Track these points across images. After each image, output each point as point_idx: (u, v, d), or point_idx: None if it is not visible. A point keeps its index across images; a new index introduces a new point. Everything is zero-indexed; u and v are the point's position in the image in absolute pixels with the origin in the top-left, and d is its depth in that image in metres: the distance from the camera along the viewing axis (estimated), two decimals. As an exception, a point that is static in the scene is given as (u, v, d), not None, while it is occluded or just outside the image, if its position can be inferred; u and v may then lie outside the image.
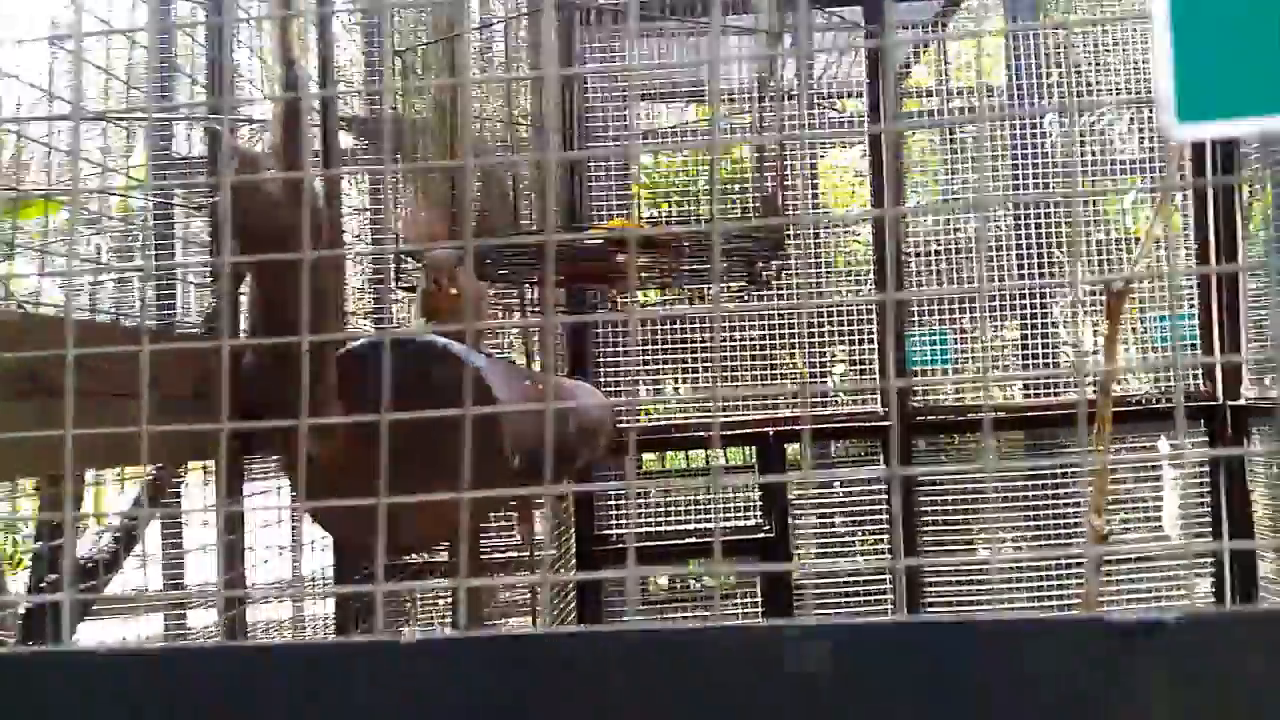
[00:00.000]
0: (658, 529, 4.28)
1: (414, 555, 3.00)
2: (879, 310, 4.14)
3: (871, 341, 4.23)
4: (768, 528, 4.16)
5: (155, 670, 0.66)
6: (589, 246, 2.29)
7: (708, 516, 4.19)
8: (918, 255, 4.40)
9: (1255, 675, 0.61)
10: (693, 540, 4.21)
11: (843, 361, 4.53)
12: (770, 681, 0.65)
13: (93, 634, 3.04)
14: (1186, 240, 4.18)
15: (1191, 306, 4.17)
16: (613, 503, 4.23)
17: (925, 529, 4.24)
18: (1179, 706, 0.62)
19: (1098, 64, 4.43)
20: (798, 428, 4.10)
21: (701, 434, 4.26)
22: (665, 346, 4.30)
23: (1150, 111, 4.32)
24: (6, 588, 4.00)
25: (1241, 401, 4.08)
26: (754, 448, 4.28)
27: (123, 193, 3.01)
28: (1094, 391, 3.28)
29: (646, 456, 4.76)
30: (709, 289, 3.28)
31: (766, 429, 4.13)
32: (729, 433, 4.20)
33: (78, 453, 0.75)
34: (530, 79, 3.83)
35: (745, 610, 4.29)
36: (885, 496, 4.20)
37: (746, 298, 3.82)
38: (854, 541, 4.35)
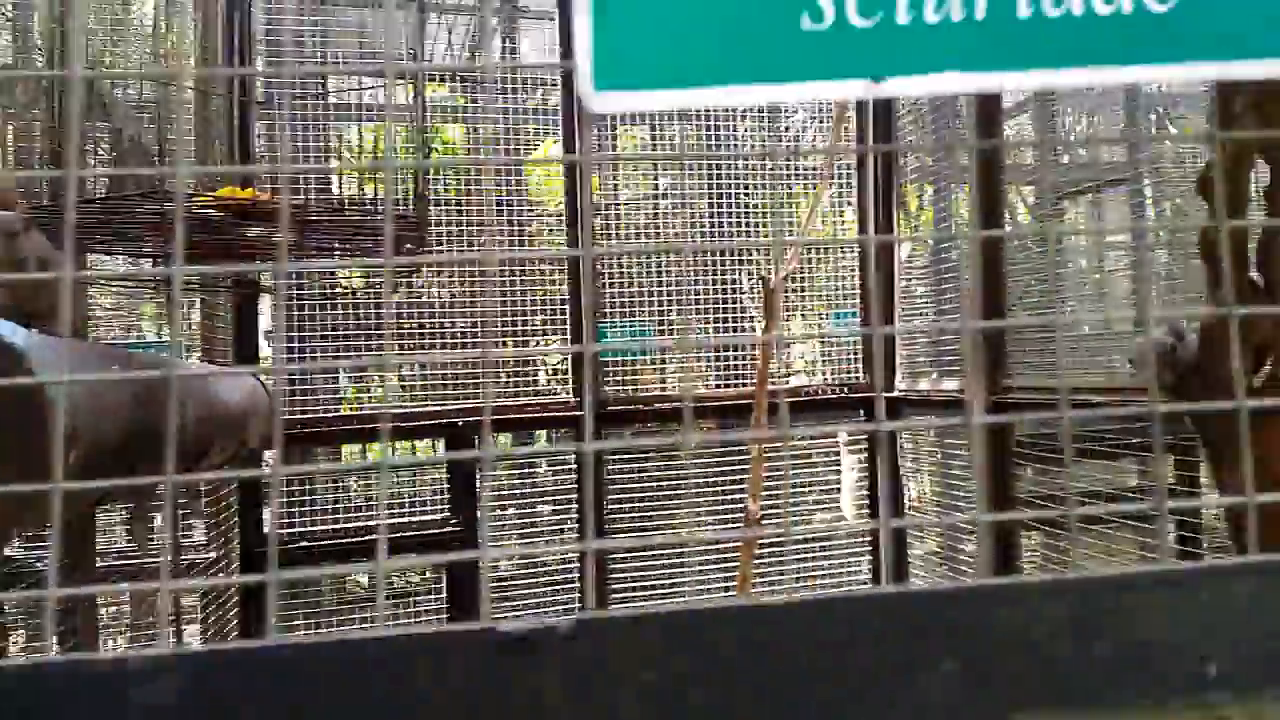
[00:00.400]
0: (342, 526, 4.07)
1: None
2: (572, 302, 4.15)
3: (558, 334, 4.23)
4: (455, 523, 4.05)
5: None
6: (201, 215, 2.08)
7: (397, 512, 4.03)
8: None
9: (647, 681, 0.59)
10: (374, 538, 4.02)
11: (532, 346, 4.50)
12: (118, 716, 0.55)
13: None
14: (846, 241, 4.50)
15: (853, 304, 4.50)
16: (286, 500, 3.97)
17: (618, 524, 4.30)
18: (573, 717, 0.58)
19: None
20: (480, 418, 4.02)
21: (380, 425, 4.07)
22: (348, 331, 4.08)
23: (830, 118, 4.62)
24: None
25: (896, 394, 4.45)
26: (443, 439, 4.16)
27: None
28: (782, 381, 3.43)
29: (329, 449, 4.51)
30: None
31: (456, 420, 4.02)
32: (416, 424, 4.05)
33: None
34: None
35: (430, 609, 4.16)
36: (577, 492, 4.22)
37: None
38: (542, 538, 4.34)
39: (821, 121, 4.83)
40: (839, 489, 4.79)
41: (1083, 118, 4.49)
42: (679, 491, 4.42)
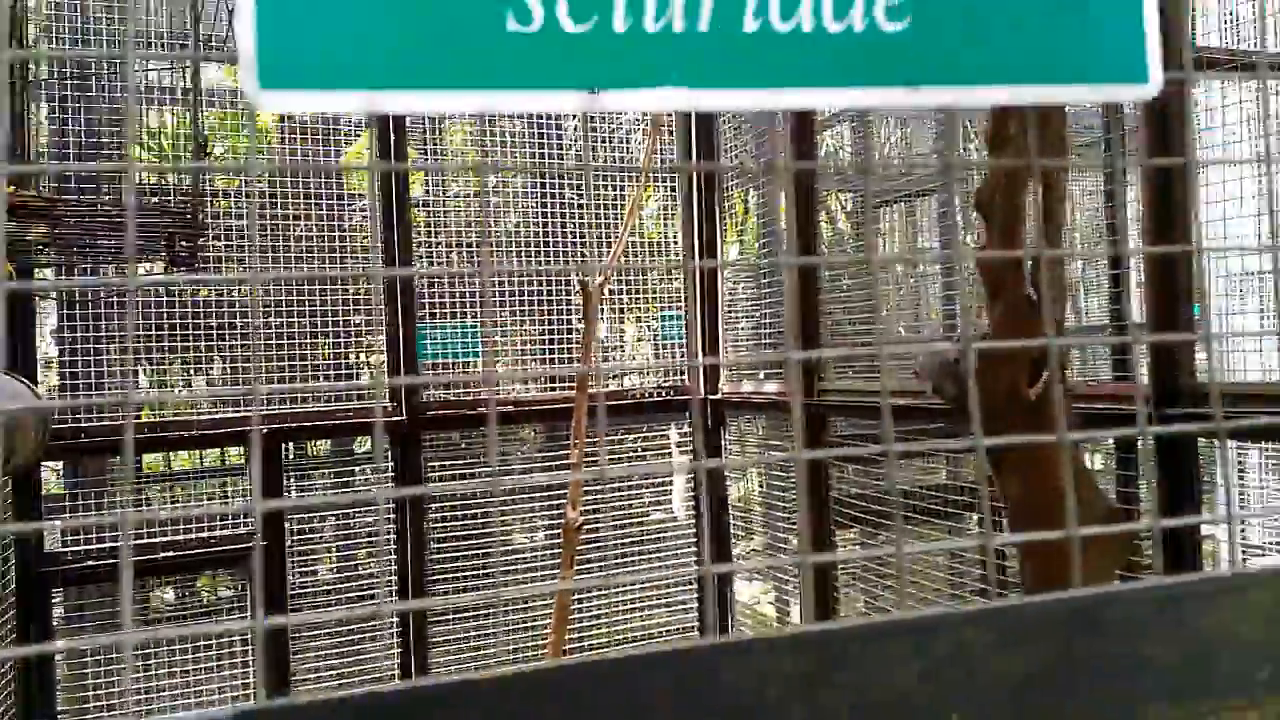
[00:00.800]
0: (149, 541, 3.76)
1: None
2: (390, 303, 3.98)
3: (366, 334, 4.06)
4: (262, 536, 3.82)
5: None
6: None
7: (200, 525, 3.75)
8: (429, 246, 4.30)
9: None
10: (178, 554, 3.75)
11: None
12: None
13: None
14: (673, 248, 4.52)
15: (679, 307, 4.52)
16: (69, 516, 3.63)
17: (441, 530, 4.17)
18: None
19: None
20: (294, 425, 3.81)
21: (183, 434, 3.80)
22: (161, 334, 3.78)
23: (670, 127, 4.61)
24: None
25: (719, 395, 4.50)
26: (241, 448, 3.91)
27: None
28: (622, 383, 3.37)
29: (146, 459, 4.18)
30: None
31: (263, 427, 3.78)
32: (219, 431, 3.80)
33: None
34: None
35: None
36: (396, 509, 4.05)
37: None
38: (358, 549, 4.16)
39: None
40: (671, 488, 4.81)
41: (898, 128, 4.67)
42: (502, 499, 4.32)
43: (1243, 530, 4.78)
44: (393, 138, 3.87)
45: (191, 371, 4.45)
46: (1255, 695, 0.64)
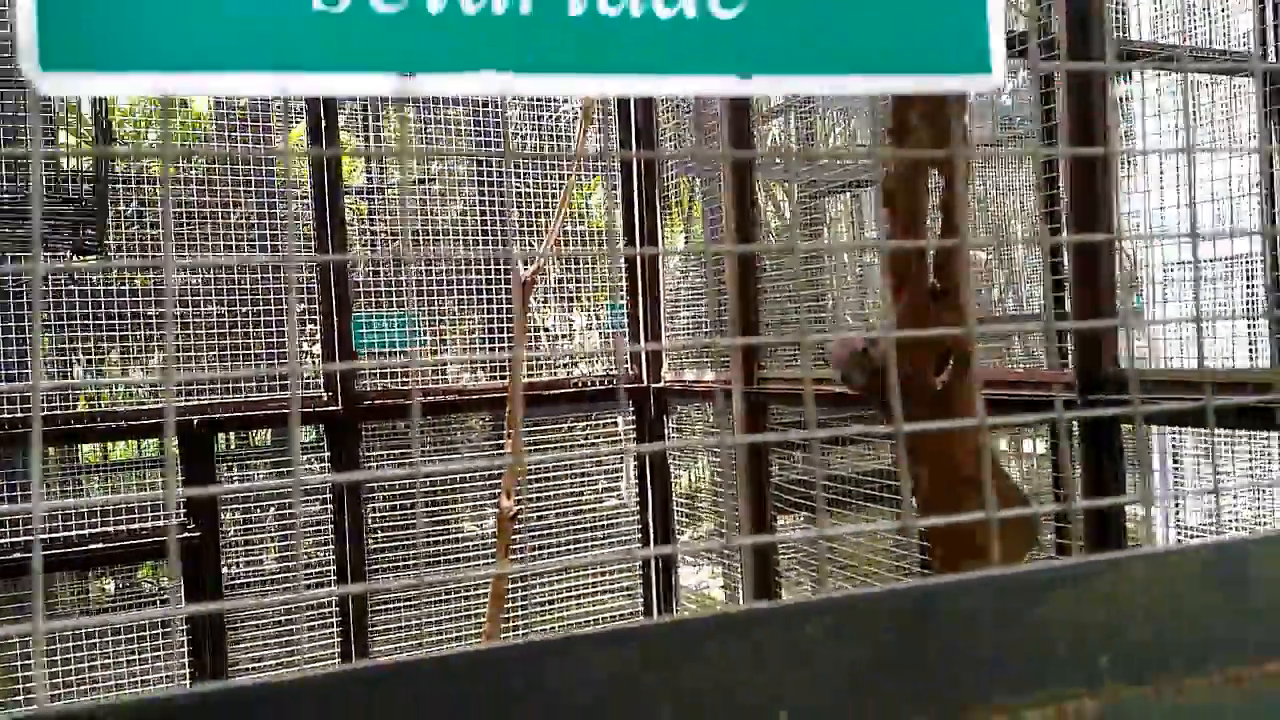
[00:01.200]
0: (71, 533, 3.68)
1: None
2: (323, 288, 3.92)
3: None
4: (191, 528, 3.75)
5: None
6: None
7: (135, 515, 3.67)
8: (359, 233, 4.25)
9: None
10: (114, 545, 3.67)
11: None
12: None
13: None
14: (602, 236, 4.50)
15: (622, 296, 4.50)
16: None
17: (376, 516, 4.13)
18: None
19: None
20: (228, 415, 3.74)
21: (112, 424, 3.72)
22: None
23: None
24: None
25: (662, 384, 4.50)
26: (175, 438, 3.83)
27: None
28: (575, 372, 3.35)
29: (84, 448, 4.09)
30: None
31: (191, 417, 3.72)
32: (147, 422, 3.72)
33: None
34: None
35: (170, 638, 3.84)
36: (335, 491, 4.00)
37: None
38: (287, 538, 4.11)
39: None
40: (620, 477, 4.80)
41: (840, 120, 4.68)
42: (444, 487, 4.29)
43: (1178, 512, 4.89)
44: (323, 124, 3.80)
45: (130, 361, 4.35)
46: (1095, 683, 0.64)
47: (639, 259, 4.37)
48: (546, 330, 4.89)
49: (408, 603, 4.18)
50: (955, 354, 1.53)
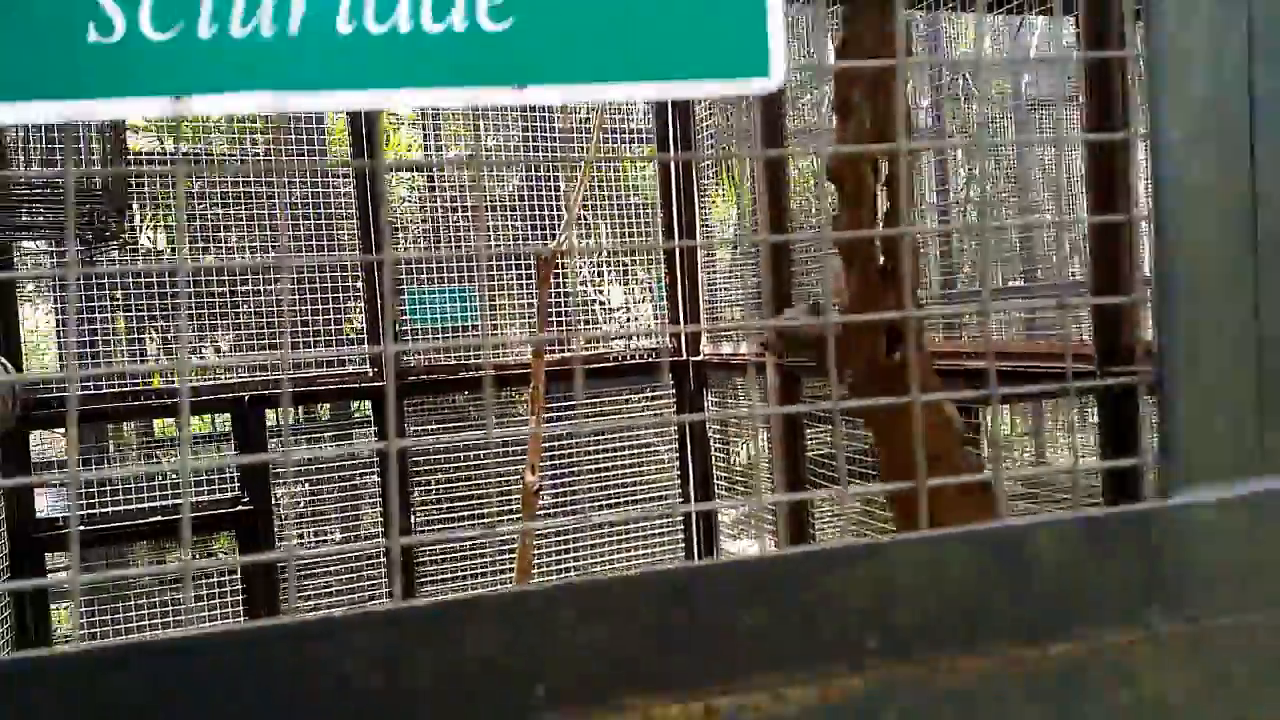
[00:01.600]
0: (122, 508, 3.90)
1: None
2: (368, 269, 4.05)
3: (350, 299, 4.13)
4: (246, 500, 3.94)
5: None
6: None
7: (176, 492, 3.88)
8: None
9: None
10: (158, 520, 3.88)
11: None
12: None
13: None
14: (652, 211, 4.53)
15: (663, 273, 4.53)
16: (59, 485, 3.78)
17: (419, 495, 4.27)
18: None
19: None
20: (278, 391, 3.91)
21: (155, 402, 3.92)
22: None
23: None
24: None
25: (700, 358, 4.52)
26: (229, 415, 4.02)
27: None
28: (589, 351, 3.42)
29: (112, 428, 4.32)
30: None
31: (242, 394, 3.89)
32: (198, 399, 3.91)
33: None
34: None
35: (229, 596, 4.04)
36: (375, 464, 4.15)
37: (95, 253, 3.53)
38: (340, 514, 4.27)
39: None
40: (664, 449, 4.85)
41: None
42: (482, 463, 4.40)
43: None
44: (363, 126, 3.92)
45: (197, 341, 4.57)
46: (862, 662, 0.67)
47: (677, 234, 4.39)
48: (593, 303, 4.94)
49: (456, 553, 4.31)
50: (903, 332, 1.54)
